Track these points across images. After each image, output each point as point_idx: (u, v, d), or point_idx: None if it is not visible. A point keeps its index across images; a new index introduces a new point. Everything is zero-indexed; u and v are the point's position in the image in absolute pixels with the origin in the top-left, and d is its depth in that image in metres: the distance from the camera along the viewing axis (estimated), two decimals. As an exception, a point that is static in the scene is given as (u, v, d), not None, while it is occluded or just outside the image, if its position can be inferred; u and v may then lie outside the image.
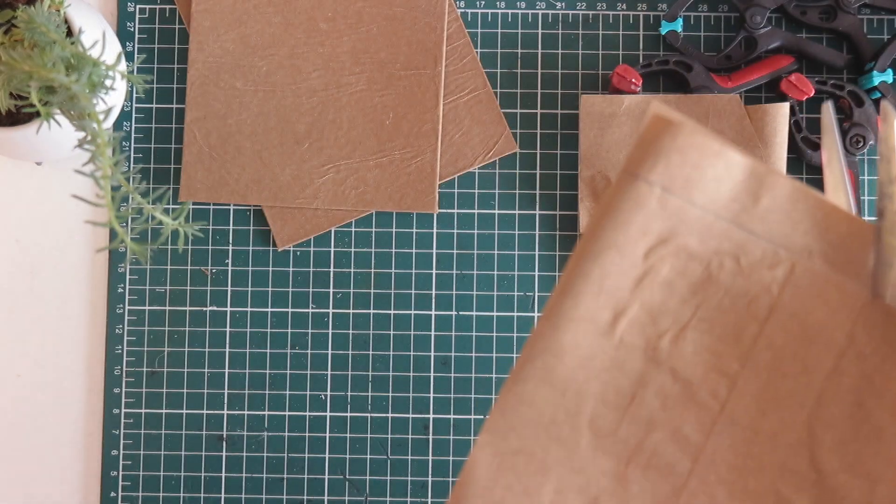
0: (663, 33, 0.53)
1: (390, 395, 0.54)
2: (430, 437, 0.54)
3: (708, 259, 0.36)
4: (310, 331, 0.54)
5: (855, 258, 0.35)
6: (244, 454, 0.54)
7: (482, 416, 0.53)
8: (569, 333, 0.36)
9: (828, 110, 0.39)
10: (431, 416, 0.54)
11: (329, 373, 0.54)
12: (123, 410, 0.54)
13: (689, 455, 0.36)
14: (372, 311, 0.54)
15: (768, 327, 0.36)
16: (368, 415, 0.54)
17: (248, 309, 0.54)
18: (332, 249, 0.54)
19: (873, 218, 0.53)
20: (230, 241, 0.54)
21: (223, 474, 0.54)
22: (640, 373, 0.36)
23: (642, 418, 0.36)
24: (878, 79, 0.51)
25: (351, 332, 0.54)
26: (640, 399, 0.36)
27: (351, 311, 0.54)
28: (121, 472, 0.54)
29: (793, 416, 0.36)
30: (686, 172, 0.35)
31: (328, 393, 0.54)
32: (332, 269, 0.54)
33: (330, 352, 0.54)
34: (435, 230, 0.54)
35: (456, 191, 0.55)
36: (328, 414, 0.54)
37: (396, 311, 0.54)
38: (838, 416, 0.36)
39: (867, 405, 0.36)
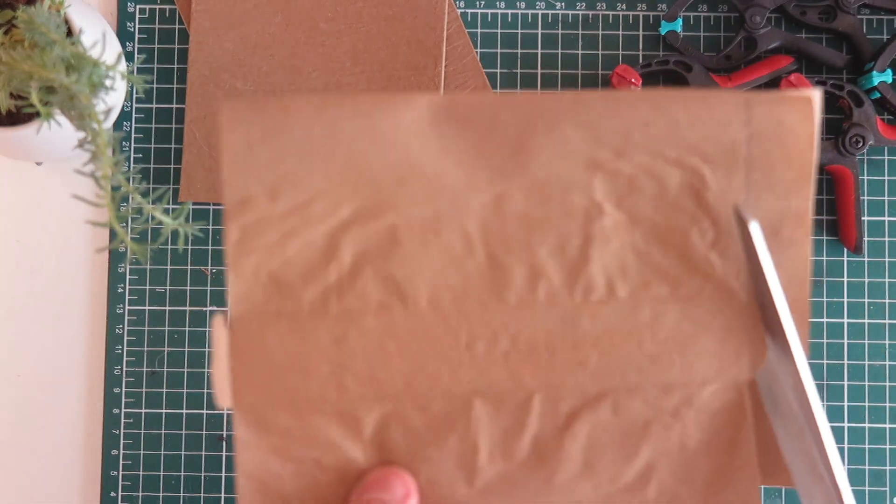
0: (663, 33, 0.53)
1: (390, 395, 0.54)
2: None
3: (700, 215, 0.35)
4: (310, 331, 0.54)
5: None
6: (244, 454, 0.54)
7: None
8: (580, 105, 0.34)
9: (757, 230, 0.35)
10: (431, 415, 0.54)
11: (329, 373, 0.54)
12: (123, 410, 0.54)
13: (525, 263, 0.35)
14: (372, 311, 0.54)
15: (673, 305, 0.35)
16: (368, 415, 0.54)
17: (248, 309, 0.54)
18: (332, 249, 0.54)
19: (877, 217, 0.53)
20: (230, 241, 0.54)
21: (223, 474, 0.54)
22: (574, 188, 0.35)
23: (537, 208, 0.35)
24: (877, 79, 0.51)
25: (351, 332, 0.54)
26: (555, 203, 0.35)
27: (351, 311, 0.54)
28: (121, 472, 0.54)
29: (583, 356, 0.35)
30: (772, 148, 0.34)
31: (328, 393, 0.54)
32: (332, 269, 0.54)
33: (330, 352, 0.54)
34: (435, 230, 0.54)
35: (456, 191, 0.54)
36: (328, 414, 0.54)
37: (396, 311, 0.54)
38: (609, 425, 0.36)
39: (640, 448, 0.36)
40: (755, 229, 0.34)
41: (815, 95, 0.34)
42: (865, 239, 0.53)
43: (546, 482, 0.36)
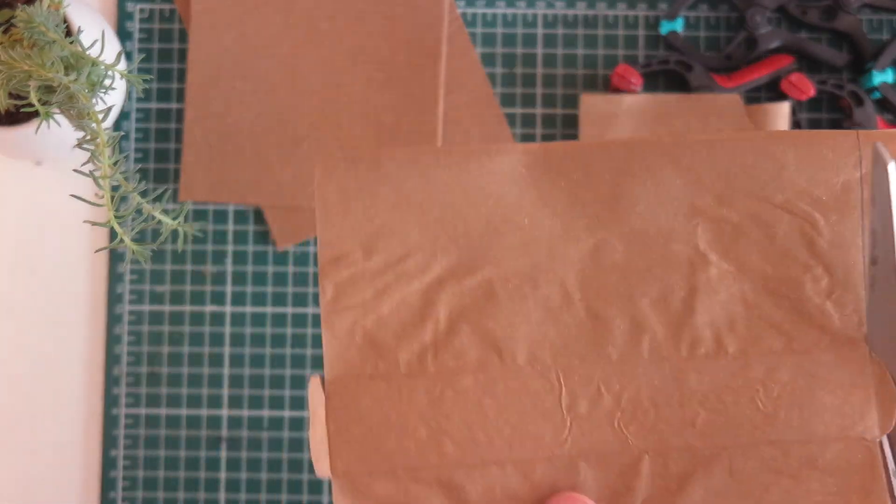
0: (663, 33, 0.53)
1: (390, 395, 0.54)
2: (430, 437, 0.54)
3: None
4: (309, 331, 0.54)
5: None
6: (243, 455, 0.54)
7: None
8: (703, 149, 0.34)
9: None
10: (431, 416, 0.54)
11: (329, 373, 0.54)
12: (123, 411, 0.54)
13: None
14: (372, 311, 0.54)
15: (788, 359, 0.34)
16: (368, 415, 0.54)
17: (248, 309, 0.54)
18: (332, 249, 0.54)
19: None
20: (230, 242, 0.54)
21: (222, 475, 0.53)
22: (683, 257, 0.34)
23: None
24: (878, 78, 0.51)
25: (351, 332, 0.54)
26: (660, 249, 0.34)
27: (351, 311, 0.54)
28: (120, 473, 0.53)
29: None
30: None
31: (328, 393, 0.54)
32: (331, 270, 0.54)
33: (330, 352, 0.54)
34: (435, 230, 0.54)
35: (456, 191, 0.54)
36: (328, 414, 0.54)
37: (396, 312, 0.54)
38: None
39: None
40: (893, 170, 0.31)
41: None
42: (866, 239, 0.53)
43: None
